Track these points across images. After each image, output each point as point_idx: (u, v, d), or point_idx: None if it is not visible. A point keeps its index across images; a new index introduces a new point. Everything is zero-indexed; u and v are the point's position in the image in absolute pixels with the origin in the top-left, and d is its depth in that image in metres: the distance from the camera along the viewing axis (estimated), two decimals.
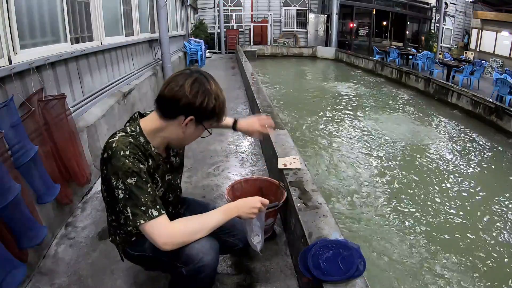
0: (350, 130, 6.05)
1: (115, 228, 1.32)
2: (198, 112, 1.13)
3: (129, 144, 1.11)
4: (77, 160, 2.31)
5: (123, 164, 1.07)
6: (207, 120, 1.18)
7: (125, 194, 1.07)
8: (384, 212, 3.50)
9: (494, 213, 3.62)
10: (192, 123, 1.16)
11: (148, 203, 1.07)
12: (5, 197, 1.44)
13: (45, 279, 1.70)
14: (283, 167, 2.19)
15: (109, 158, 1.09)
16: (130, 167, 1.07)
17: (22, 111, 1.90)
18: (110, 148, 1.10)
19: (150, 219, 1.07)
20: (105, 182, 1.18)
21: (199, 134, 1.22)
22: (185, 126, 1.15)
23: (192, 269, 1.17)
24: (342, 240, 1.42)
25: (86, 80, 3.08)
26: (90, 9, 3.36)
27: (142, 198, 1.07)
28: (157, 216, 1.08)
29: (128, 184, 1.07)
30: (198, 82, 1.12)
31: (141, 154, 1.15)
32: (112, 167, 1.08)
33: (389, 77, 11.17)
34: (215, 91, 1.14)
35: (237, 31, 16.50)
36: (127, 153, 1.09)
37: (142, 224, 1.06)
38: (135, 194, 1.07)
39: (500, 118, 6.32)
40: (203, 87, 1.12)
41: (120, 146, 1.09)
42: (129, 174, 1.07)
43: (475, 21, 16.19)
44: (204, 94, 1.12)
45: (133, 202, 1.07)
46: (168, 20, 7.44)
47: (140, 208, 1.06)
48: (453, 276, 2.68)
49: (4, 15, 1.89)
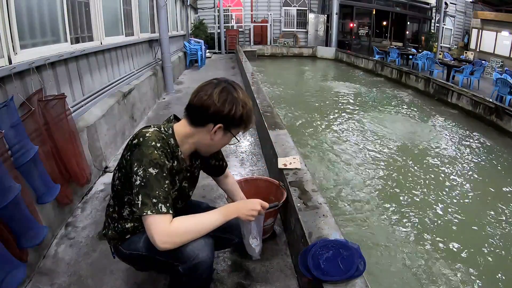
0: (349, 130, 6.05)
1: (113, 221, 1.32)
2: (227, 119, 1.18)
3: (161, 139, 1.16)
4: (77, 160, 2.31)
5: (151, 153, 1.10)
6: (235, 127, 1.22)
7: (141, 181, 1.08)
8: (383, 212, 3.50)
9: (494, 212, 3.61)
10: (221, 130, 1.20)
11: (161, 197, 1.08)
12: (5, 197, 1.44)
13: (45, 279, 1.70)
14: (283, 167, 2.19)
15: (139, 144, 1.12)
16: (156, 158, 1.10)
17: (22, 111, 1.90)
18: (143, 135, 1.14)
19: (157, 213, 1.06)
20: (122, 169, 1.20)
21: (227, 141, 1.27)
22: (214, 133, 1.20)
23: (189, 266, 1.17)
24: (342, 240, 1.42)
25: (86, 80, 3.08)
26: (90, 9, 3.36)
27: (156, 190, 1.08)
28: (164, 213, 1.07)
29: (148, 173, 1.08)
30: (226, 91, 1.17)
31: (170, 152, 1.18)
32: (139, 153, 1.10)
33: (389, 77, 11.17)
34: (242, 99, 1.18)
35: (237, 31, 16.50)
36: (158, 145, 1.13)
37: (148, 215, 1.06)
38: (151, 184, 1.08)
39: (500, 118, 6.32)
40: (231, 95, 1.17)
41: (153, 137, 1.14)
42: (153, 164, 1.09)
43: (475, 21, 16.19)
44: (232, 102, 1.17)
45: (146, 191, 1.07)
46: (168, 20, 7.44)
47: (151, 199, 1.07)
48: (453, 276, 2.68)
49: (4, 15, 1.89)
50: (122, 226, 1.29)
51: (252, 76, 6.56)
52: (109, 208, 1.34)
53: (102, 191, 2.60)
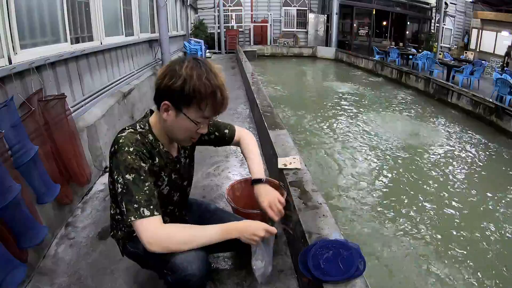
0: (349, 130, 6.05)
1: (118, 222, 1.32)
2: (168, 94, 1.08)
3: (135, 141, 1.12)
4: (77, 160, 2.31)
5: (125, 159, 1.08)
6: (184, 105, 1.09)
7: (122, 189, 1.08)
8: (382, 212, 3.49)
9: (494, 212, 3.61)
10: (172, 110, 1.11)
11: (142, 202, 1.07)
12: (5, 197, 1.44)
13: (45, 279, 1.70)
14: (283, 167, 2.19)
15: (115, 152, 1.11)
16: (130, 163, 1.08)
17: (22, 111, 1.90)
18: (117, 142, 1.12)
19: (140, 217, 1.05)
20: (110, 176, 1.19)
21: (186, 125, 1.13)
22: (165, 113, 1.12)
23: (178, 278, 1.13)
24: (342, 240, 1.42)
25: (86, 80, 3.08)
26: (90, 9, 3.36)
27: (136, 195, 1.07)
28: (148, 216, 1.06)
29: (126, 180, 1.07)
30: (171, 65, 1.09)
31: (146, 152, 1.14)
32: (116, 161, 1.10)
33: (389, 77, 11.17)
34: (186, 72, 1.05)
35: (237, 31, 16.50)
36: (131, 150, 1.10)
37: (132, 221, 1.06)
38: (130, 190, 1.07)
39: (500, 118, 6.32)
40: (172, 68, 1.08)
41: (126, 142, 1.11)
42: (129, 170, 1.08)
43: (475, 21, 16.19)
44: (171, 75, 1.06)
45: (127, 198, 1.07)
46: (168, 20, 7.44)
47: (133, 205, 1.06)
48: (453, 277, 2.68)
49: (4, 15, 1.89)
50: (127, 224, 1.29)
51: (252, 76, 6.56)
52: (111, 209, 1.34)
53: (102, 191, 2.60)
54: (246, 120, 4.61)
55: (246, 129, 1.64)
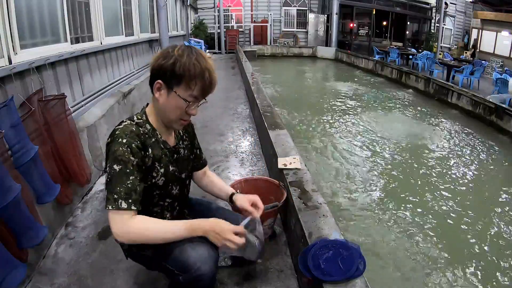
0: (349, 130, 6.05)
1: None
2: (160, 74, 1.14)
3: (129, 133, 1.15)
4: (77, 160, 2.31)
5: (116, 150, 1.12)
6: (175, 84, 1.14)
7: (108, 177, 1.12)
8: (382, 212, 3.49)
9: (494, 212, 3.61)
10: (164, 89, 1.17)
11: (121, 193, 1.09)
12: (5, 197, 1.44)
13: (45, 279, 1.70)
14: (283, 167, 2.19)
15: (109, 143, 1.15)
16: (120, 155, 1.11)
17: (22, 111, 1.90)
18: (113, 134, 1.16)
19: (116, 209, 1.08)
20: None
21: (175, 103, 1.17)
22: (158, 93, 1.18)
23: (189, 278, 1.15)
24: (342, 240, 1.42)
25: (86, 80, 3.08)
26: (90, 9, 3.36)
27: (118, 186, 1.10)
28: (124, 209, 1.09)
29: (112, 170, 1.11)
30: (165, 49, 1.17)
31: (140, 144, 1.16)
32: (109, 151, 1.14)
33: (389, 77, 11.17)
34: (178, 54, 1.12)
35: (237, 31, 16.50)
36: (123, 141, 1.13)
37: (109, 210, 1.09)
38: (114, 180, 1.10)
39: (500, 118, 6.32)
40: (165, 51, 1.16)
41: (120, 133, 1.14)
42: (117, 161, 1.11)
43: (475, 21, 16.19)
44: (164, 56, 1.14)
45: (110, 187, 1.10)
46: (168, 20, 7.44)
47: (113, 195, 1.09)
48: (453, 277, 2.68)
49: (4, 15, 1.89)
50: None
51: (252, 76, 6.56)
52: None
53: (102, 191, 2.60)
54: (246, 120, 4.62)
55: None
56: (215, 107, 5.14)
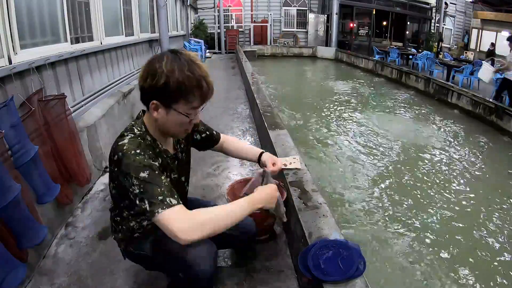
0: (349, 130, 6.05)
1: (118, 223, 1.32)
2: (154, 94, 1.08)
3: (138, 145, 1.10)
4: (77, 160, 2.31)
5: (134, 160, 1.05)
6: (172, 102, 1.09)
7: (140, 189, 1.03)
8: (381, 212, 3.49)
9: (494, 213, 3.61)
10: (161, 108, 1.11)
11: (165, 192, 1.03)
12: (5, 197, 1.44)
13: (45, 279, 1.70)
14: (283, 167, 2.19)
15: (120, 159, 1.07)
16: (141, 162, 1.05)
17: (22, 111, 1.90)
18: (121, 150, 1.08)
19: (168, 207, 1.01)
20: (114, 180, 1.17)
21: (177, 119, 1.13)
22: (155, 112, 1.12)
23: (189, 275, 1.16)
24: (342, 240, 1.42)
25: (86, 80, 3.08)
26: (90, 9, 3.36)
27: (158, 188, 1.03)
28: (176, 205, 1.02)
29: (141, 178, 1.03)
30: (150, 63, 1.08)
31: (152, 154, 1.13)
32: (125, 167, 1.05)
33: (389, 77, 11.17)
34: (167, 70, 1.04)
35: (237, 31, 16.50)
36: (137, 151, 1.07)
37: (160, 213, 1.00)
38: (150, 186, 1.03)
39: (500, 118, 6.32)
40: (152, 68, 1.06)
41: (130, 146, 1.08)
42: (141, 169, 1.04)
43: (475, 21, 16.20)
44: (152, 75, 1.06)
45: (148, 194, 1.02)
46: (168, 20, 7.44)
47: (157, 198, 1.02)
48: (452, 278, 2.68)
49: (4, 15, 1.89)
50: (127, 226, 1.29)
51: (252, 76, 6.56)
52: (111, 212, 1.34)
53: (102, 191, 2.60)
54: (246, 120, 4.62)
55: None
56: (215, 107, 5.14)
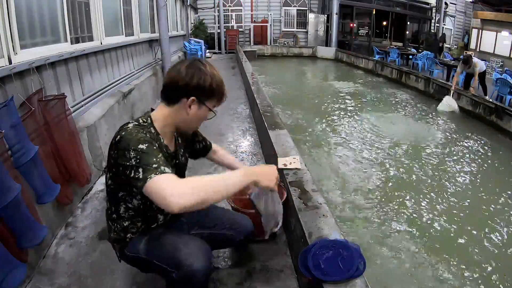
0: (349, 130, 6.05)
1: (113, 222, 1.32)
2: (197, 91, 1.21)
3: (140, 130, 1.15)
4: (77, 160, 2.31)
5: (135, 135, 1.10)
6: (207, 99, 1.25)
7: (136, 159, 1.04)
8: (381, 213, 3.49)
9: (494, 213, 3.61)
10: (195, 104, 1.23)
11: (160, 162, 1.04)
12: (5, 197, 1.44)
13: (45, 279, 1.70)
14: (283, 167, 2.19)
15: (121, 138, 1.10)
16: (142, 136, 1.11)
17: (22, 111, 1.90)
18: (123, 130, 1.14)
19: (161, 173, 1.01)
20: (111, 168, 1.16)
21: (203, 115, 1.27)
22: (189, 107, 1.22)
23: (182, 274, 1.16)
24: (342, 240, 1.42)
25: (86, 80, 3.08)
26: (90, 9, 3.36)
27: (154, 158, 1.05)
28: (169, 172, 1.02)
29: (139, 149, 1.06)
30: (193, 65, 1.22)
31: (152, 140, 1.15)
32: (124, 142, 1.08)
33: (389, 77, 11.17)
34: (210, 71, 1.23)
35: (237, 31, 16.49)
36: (140, 131, 1.14)
37: (152, 178, 1.00)
38: (146, 156, 1.05)
39: (500, 118, 6.32)
40: (198, 68, 1.21)
41: (131, 131, 1.13)
42: (141, 141, 1.08)
43: (475, 21, 16.19)
44: (199, 74, 1.20)
45: (144, 162, 1.03)
46: (168, 20, 7.44)
47: (151, 165, 1.02)
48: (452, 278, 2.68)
49: (4, 15, 1.89)
50: (121, 225, 1.29)
51: (252, 76, 6.56)
52: (107, 211, 1.34)
53: (102, 191, 2.60)
54: (246, 120, 4.61)
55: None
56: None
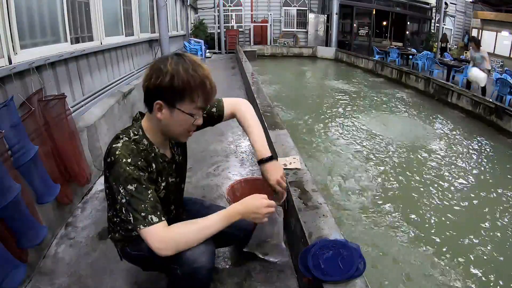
0: (349, 130, 6.05)
1: (115, 224, 1.32)
2: (158, 93, 1.10)
3: (131, 152, 1.12)
4: (77, 160, 2.31)
5: (124, 171, 1.09)
6: (176, 101, 1.11)
7: (126, 199, 1.09)
8: (381, 213, 3.49)
9: (494, 213, 3.61)
10: (166, 109, 1.12)
11: (148, 209, 1.09)
12: (5, 197, 1.44)
13: (45, 279, 1.70)
14: (283, 167, 2.19)
15: (112, 164, 1.10)
16: (130, 174, 1.09)
17: (22, 111, 1.90)
18: (113, 154, 1.11)
19: (149, 225, 1.08)
20: (107, 182, 1.20)
21: (183, 119, 1.15)
22: (159, 113, 1.13)
23: (187, 270, 1.16)
24: (342, 240, 1.42)
25: (86, 80, 3.08)
26: (90, 9, 3.36)
27: (142, 204, 1.09)
28: (156, 223, 1.08)
29: (128, 191, 1.09)
30: (155, 65, 1.11)
31: (144, 161, 1.15)
32: (115, 173, 1.10)
33: (389, 77, 11.17)
34: (172, 68, 1.07)
35: (237, 31, 16.50)
36: (129, 161, 1.10)
37: (141, 229, 1.08)
38: (135, 200, 1.09)
39: (500, 118, 6.32)
40: (157, 67, 1.09)
41: (122, 153, 1.11)
42: (129, 181, 1.09)
43: (475, 21, 16.20)
44: (158, 74, 1.08)
45: (133, 207, 1.08)
46: (168, 20, 7.44)
47: (140, 214, 1.08)
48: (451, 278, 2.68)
49: (4, 15, 1.89)
50: (125, 227, 1.30)
51: (252, 76, 6.56)
52: (108, 212, 1.34)
53: (102, 191, 2.60)
54: None
55: (241, 98, 1.59)
56: None
